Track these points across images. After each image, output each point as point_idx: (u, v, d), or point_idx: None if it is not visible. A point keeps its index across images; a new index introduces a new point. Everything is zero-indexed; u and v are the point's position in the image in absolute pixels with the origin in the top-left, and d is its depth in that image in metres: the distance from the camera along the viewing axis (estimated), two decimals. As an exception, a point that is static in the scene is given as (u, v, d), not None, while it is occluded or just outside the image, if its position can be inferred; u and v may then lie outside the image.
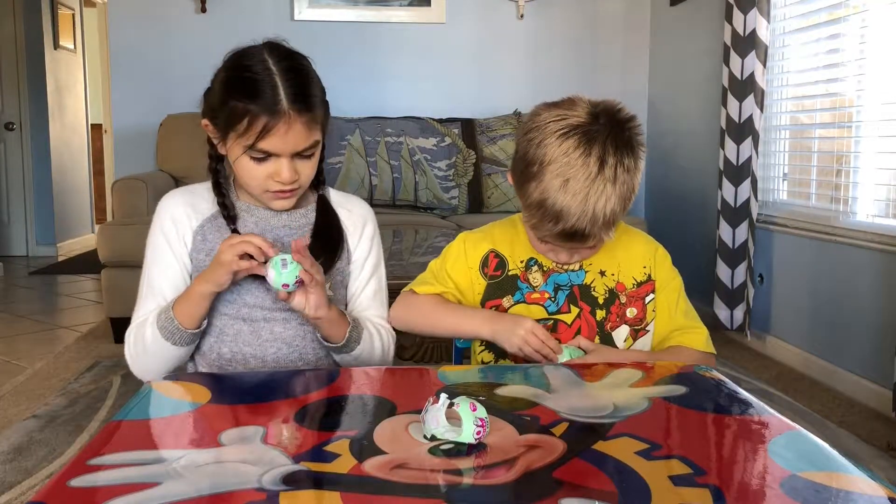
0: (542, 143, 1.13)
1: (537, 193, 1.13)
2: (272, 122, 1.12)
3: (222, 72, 1.18)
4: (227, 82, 1.16)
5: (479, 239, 1.32)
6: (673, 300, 1.29)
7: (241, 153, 1.16)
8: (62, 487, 0.69)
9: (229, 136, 1.17)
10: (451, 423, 0.80)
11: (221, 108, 1.16)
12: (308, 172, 1.21)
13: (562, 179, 1.10)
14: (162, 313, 1.18)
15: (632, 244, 1.30)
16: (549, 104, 1.18)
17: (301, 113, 1.13)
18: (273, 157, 1.16)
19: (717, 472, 0.75)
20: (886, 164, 2.56)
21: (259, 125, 1.12)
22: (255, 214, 1.26)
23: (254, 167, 1.17)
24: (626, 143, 1.13)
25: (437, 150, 3.82)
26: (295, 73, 1.16)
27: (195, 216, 1.25)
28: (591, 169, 1.10)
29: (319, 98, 1.19)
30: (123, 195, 3.35)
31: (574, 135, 1.11)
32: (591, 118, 1.13)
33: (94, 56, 6.38)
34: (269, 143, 1.14)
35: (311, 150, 1.19)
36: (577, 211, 1.10)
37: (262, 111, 1.12)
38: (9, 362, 3.00)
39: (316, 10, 4.10)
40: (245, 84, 1.14)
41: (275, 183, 1.18)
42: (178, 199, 1.27)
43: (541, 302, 1.26)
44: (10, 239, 5.88)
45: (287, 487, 0.69)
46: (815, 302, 2.85)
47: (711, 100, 3.44)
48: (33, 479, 1.91)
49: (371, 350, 1.26)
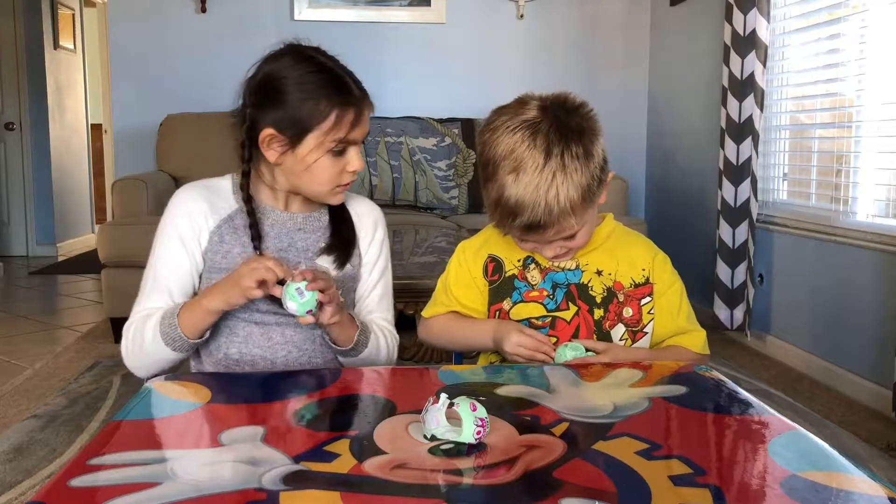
0: (493, 142, 1.15)
1: (494, 192, 1.15)
2: (359, 111, 1.18)
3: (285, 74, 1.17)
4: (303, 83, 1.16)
5: (477, 247, 1.33)
6: (675, 303, 1.29)
7: (324, 152, 1.17)
8: (62, 487, 0.69)
9: (306, 139, 1.16)
10: (451, 423, 0.80)
11: (300, 109, 1.15)
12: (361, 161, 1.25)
13: (513, 174, 1.12)
14: (166, 318, 1.17)
15: (631, 245, 1.31)
16: (502, 107, 1.21)
17: (367, 98, 1.20)
18: (350, 147, 1.19)
19: (717, 472, 0.75)
20: (886, 164, 2.56)
21: (350, 115, 1.16)
22: (271, 217, 1.25)
23: (332, 164, 1.18)
24: (574, 129, 1.13)
25: (437, 150, 3.82)
26: (339, 65, 1.22)
27: (213, 215, 1.23)
28: (538, 160, 1.11)
29: None
30: (123, 195, 3.35)
31: (520, 129, 1.13)
32: (540, 112, 1.15)
33: (94, 56, 6.37)
34: (357, 132, 1.18)
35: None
36: (530, 202, 1.11)
37: (352, 102, 1.17)
38: (9, 362, 3.00)
39: (316, 10, 4.10)
40: (325, 81, 1.17)
41: (348, 174, 1.20)
42: (196, 194, 1.24)
43: (539, 300, 1.27)
44: (10, 239, 5.88)
45: (287, 487, 0.69)
46: (815, 302, 2.85)
47: (711, 100, 3.44)
48: (33, 479, 1.91)
49: (377, 352, 1.27)
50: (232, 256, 1.21)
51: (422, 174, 3.78)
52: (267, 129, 1.17)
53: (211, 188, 1.26)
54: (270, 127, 1.17)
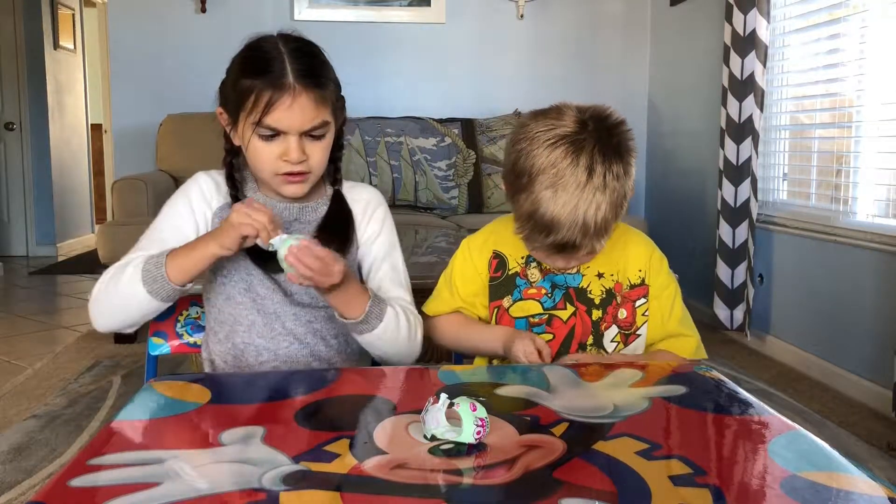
0: (531, 153, 1.12)
1: (528, 205, 1.13)
2: (277, 95, 1.12)
3: (236, 56, 1.20)
4: (239, 63, 1.18)
5: (482, 242, 1.33)
6: (667, 307, 1.28)
7: (251, 134, 1.16)
8: (62, 487, 0.69)
9: (240, 119, 1.17)
10: (451, 423, 0.80)
11: (233, 89, 1.17)
12: (318, 156, 1.19)
13: (551, 190, 1.10)
14: (152, 258, 1.13)
15: (630, 245, 1.30)
16: (537, 113, 1.18)
17: (308, 88, 1.14)
18: (281, 135, 1.15)
19: (717, 472, 0.75)
20: (886, 164, 2.56)
21: (265, 98, 1.13)
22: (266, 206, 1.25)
23: (263, 147, 1.16)
24: (615, 149, 1.12)
25: (437, 150, 3.82)
26: (304, 53, 1.17)
27: (217, 198, 1.26)
28: (580, 178, 1.09)
29: (330, 80, 1.19)
30: (123, 195, 3.35)
31: (562, 144, 1.11)
32: (579, 126, 1.12)
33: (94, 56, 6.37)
34: (275, 118, 1.13)
35: (321, 131, 1.18)
36: (567, 221, 1.10)
37: (268, 84, 1.13)
38: (9, 362, 3.00)
39: (316, 10, 4.10)
40: (254, 62, 1.16)
41: (284, 163, 1.16)
42: (210, 179, 1.28)
43: (537, 297, 1.27)
44: (10, 239, 5.88)
45: (287, 487, 0.69)
46: (814, 302, 2.85)
47: (711, 100, 3.44)
48: (33, 479, 1.91)
49: (396, 329, 1.20)
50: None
51: (422, 174, 3.78)
52: (219, 108, 1.22)
53: (222, 175, 1.29)
54: (220, 105, 1.22)
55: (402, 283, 1.31)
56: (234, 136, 1.22)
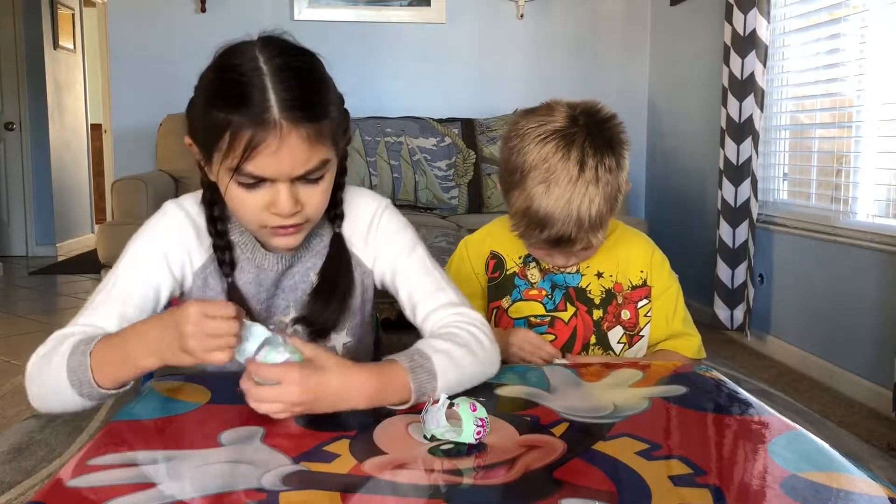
0: (523, 150, 1.12)
1: (521, 201, 1.13)
2: (258, 137, 0.87)
3: (205, 74, 0.95)
4: (208, 87, 0.93)
5: (479, 242, 1.33)
6: (671, 307, 1.28)
7: (228, 180, 0.91)
8: (62, 487, 0.69)
9: (213, 158, 0.92)
10: (451, 424, 0.80)
11: (203, 120, 0.92)
12: (316, 202, 0.95)
13: (544, 185, 1.10)
14: (78, 349, 0.88)
15: (631, 245, 1.30)
16: (528, 111, 1.18)
17: (298, 123, 0.88)
18: (267, 182, 0.91)
19: (717, 473, 0.75)
20: (886, 164, 2.56)
21: (243, 140, 0.87)
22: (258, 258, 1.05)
23: (245, 197, 0.92)
24: (607, 142, 1.12)
25: (437, 150, 3.82)
26: (292, 71, 0.90)
27: (198, 251, 1.04)
28: (572, 172, 1.09)
29: (328, 105, 0.93)
30: (123, 195, 3.34)
31: (553, 139, 1.11)
32: (570, 121, 1.12)
33: (94, 56, 6.37)
34: (258, 165, 0.88)
35: (317, 173, 0.93)
36: (561, 215, 1.10)
37: (245, 122, 0.87)
38: (9, 362, 2.99)
39: (316, 10, 4.10)
40: (227, 86, 0.90)
41: (272, 216, 0.93)
42: (184, 219, 1.04)
43: (538, 299, 1.26)
44: (9, 239, 5.88)
45: (287, 487, 0.69)
46: (815, 302, 2.85)
47: (711, 100, 3.44)
48: (33, 479, 1.91)
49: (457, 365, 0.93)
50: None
51: (422, 174, 3.78)
52: (187, 137, 0.98)
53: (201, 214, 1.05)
54: (189, 134, 0.97)
55: (439, 278, 1.08)
56: (208, 172, 0.97)
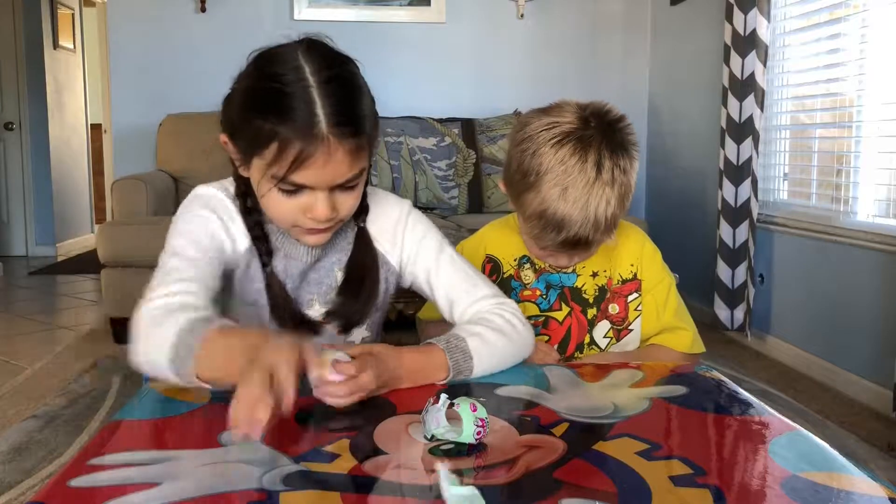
0: (537, 152, 1.12)
1: (536, 204, 1.12)
2: (308, 152, 0.90)
3: (246, 78, 0.97)
4: (251, 93, 0.95)
5: (474, 247, 1.33)
6: (662, 299, 1.27)
7: (269, 186, 0.96)
8: (62, 487, 0.69)
9: (253, 162, 0.97)
10: (451, 424, 0.80)
11: (243, 124, 0.95)
12: (350, 205, 1.00)
13: (560, 188, 1.09)
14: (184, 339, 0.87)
15: (620, 239, 1.29)
16: (538, 111, 1.17)
17: (344, 139, 0.91)
18: (307, 189, 0.95)
19: (717, 473, 0.75)
20: (886, 164, 2.56)
21: (291, 154, 0.91)
22: (286, 248, 1.08)
23: (283, 201, 0.97)
24: (620, 144, 1.13)
25: (437, 150, 3.82)
26: (339, 85, 0.94)
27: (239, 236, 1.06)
28: (589, 175, 1.09)
29: (369, 117, 0.97)
30: (123, 195, 3.35)
31: (568, 142, 1.10)
32: (582, 123, 1.12)
33: (94, 56, 6.38)
34: (305, 177, 0.93)
35: (356, 181, 0.98)
36: (578, 218, 1.10)
37: (295, 136, 0.90)
38: (9, 362, 2.99)
39: (316, 9, 4.10)
40: (273, 98, 0.92)
41: (308, 220, 0.98)
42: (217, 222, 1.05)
43: (532, 299, 1.26)
44: (9, 239, 5.88)
45: (287, 487, 0.69)
46: (815, 302, 2.85)
47: (711, 100, 3.44)
48: (33, 479, 1.91)
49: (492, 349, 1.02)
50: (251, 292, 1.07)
51: (422, 174, 3.78)
52: (223, 135, 1.01)
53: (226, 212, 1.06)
54: (225, 133, 1.00)
55: (471, 274, 1.13)
56: (242, 170, 1.02)
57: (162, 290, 0.94)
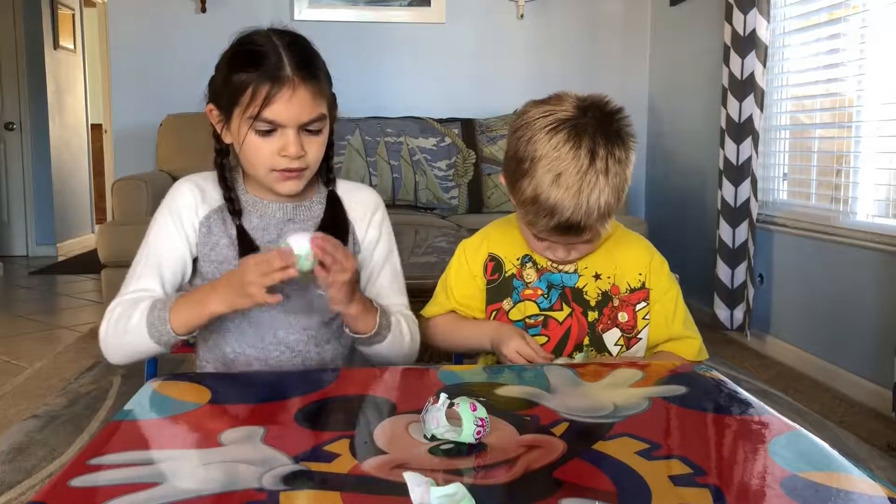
0: (532, 139, 1.13)
1: (530, 189, 1.13)
2: (276, 88, 1.11)
3: (225, 54, 1.19)
4: (231, 58, 1.17)
5: (477, 245, 1.33)
6: (671, 309, 1.28)
7: (247, 129, 1.14)
8: (62, 487, 0.69)
9: (234, 114, 1.15)
10: (451, 423, 0.80)
11: (225, 85, 1.15)
12: (315, 151, 1.18)
13: (553, 174, 1.10)
14: (155, 308, 1.12)
15: (630, 248, 1.30)
16: (537, 101, 1.18)
17: (306, 80, 1.13)
18: (279, 129, 1.14)
19: (717, 472, 0.75)
20: (886, 164, 2.56)
21: (263, 91, 1.11)
22: (260, 209, 1.24)
23: (260, 144, 1.15)
24: (616, 134, 1.13)
25: (437, 150, 3.82)
26: (301, 47, 1.18)
27: (203, 206, 1.23)
28: (582, 162, 1.10)
29: (324, 72, 1.19)
30: (123, 195, 3.35)
31: (563, 129, 1.11)
32: (579, 112, 1.13)
33: (94, 56, 6.37)
34: (275, 111, 1.12)
35: (318, 125, 1.17)
36: (570, 204, 1.10)
37: (265, 77, 1.12)
38: (9, 362, 3.00)
39: (316, 10, 4.10)
40: (248, 55, 1.15)
41: (282, 159, 1.15)
42: (190, 186, 1.24)
43: (533, 298, 1.26)
44: (10, 239, 5.88)
45: (287, 487, 0.69)
46: (814, 302, 2.85)
47: (711, 100, 3.44)
48: (33, 479, 1.91)
49: (401, 337, 1.23)
50: (220, 248, 1.21)
51: (422, 174, 3.78)
52: (208, 105, 1.21)
53: (205, 180, 1.26)
54: (211, 102, 1.20)
55: (402, 288, 1.32)
56: (225, 135, 1.20)
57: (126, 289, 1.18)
